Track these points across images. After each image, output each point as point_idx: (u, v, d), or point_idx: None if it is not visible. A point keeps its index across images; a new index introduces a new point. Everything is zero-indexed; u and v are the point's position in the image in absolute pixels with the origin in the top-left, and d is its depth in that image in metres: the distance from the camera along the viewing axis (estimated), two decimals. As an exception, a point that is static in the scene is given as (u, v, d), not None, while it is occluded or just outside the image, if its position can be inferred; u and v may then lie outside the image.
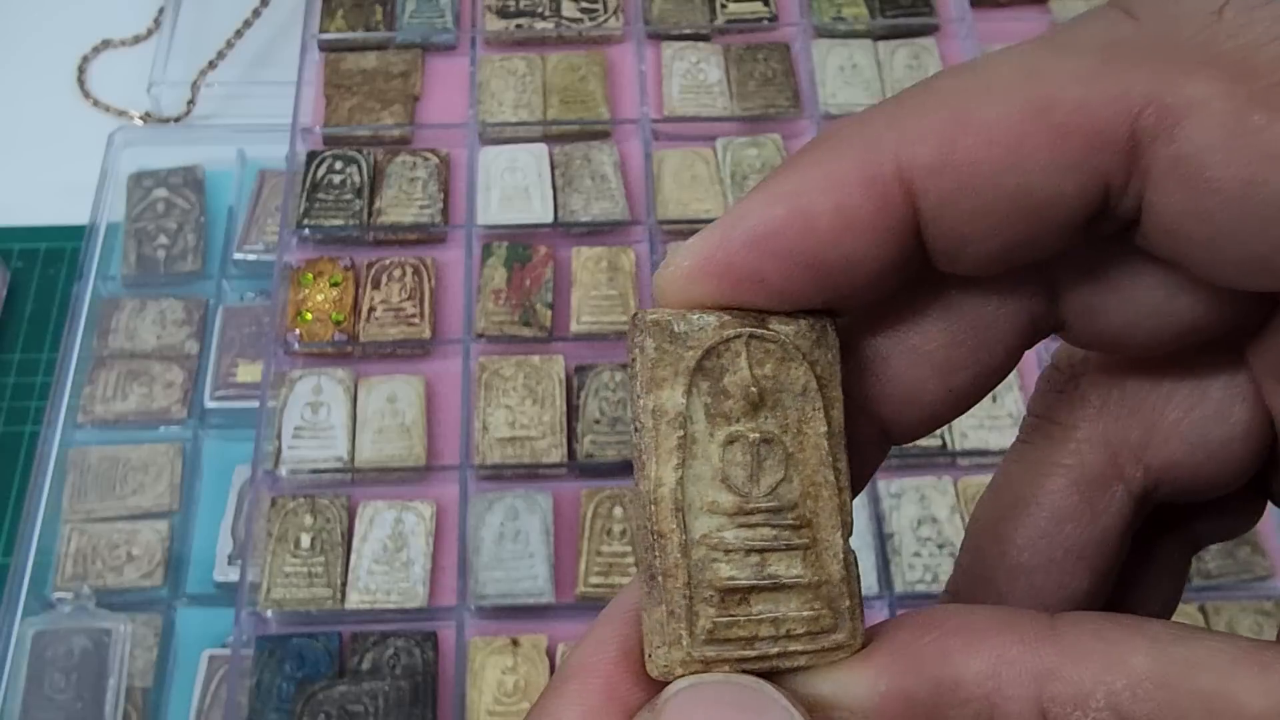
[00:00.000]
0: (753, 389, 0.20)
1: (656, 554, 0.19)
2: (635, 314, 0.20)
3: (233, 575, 0.62)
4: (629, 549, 0.61)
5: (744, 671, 0.19)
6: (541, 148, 0.74)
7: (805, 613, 0.20)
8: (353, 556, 0.61)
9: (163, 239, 0.73)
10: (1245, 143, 0.17)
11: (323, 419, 0.65)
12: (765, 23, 0.80)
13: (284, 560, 0.61)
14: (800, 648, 0.20)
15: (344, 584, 0.61)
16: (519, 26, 0.80)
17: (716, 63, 0.78)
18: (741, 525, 0.20)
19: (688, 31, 0.80)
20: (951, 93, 0.19)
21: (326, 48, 0.79)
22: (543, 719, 0.20)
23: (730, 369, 0.20)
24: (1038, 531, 0.23)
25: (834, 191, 0.19)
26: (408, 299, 0.69)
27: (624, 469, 0.63)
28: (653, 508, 0.20)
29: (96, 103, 0.82)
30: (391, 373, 0.67)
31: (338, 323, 0.68)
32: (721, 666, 0.19)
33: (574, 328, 0.68)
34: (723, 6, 0.81)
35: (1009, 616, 0.19)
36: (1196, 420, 0.23)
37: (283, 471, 0.63)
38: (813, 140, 0.20)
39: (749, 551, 0.20)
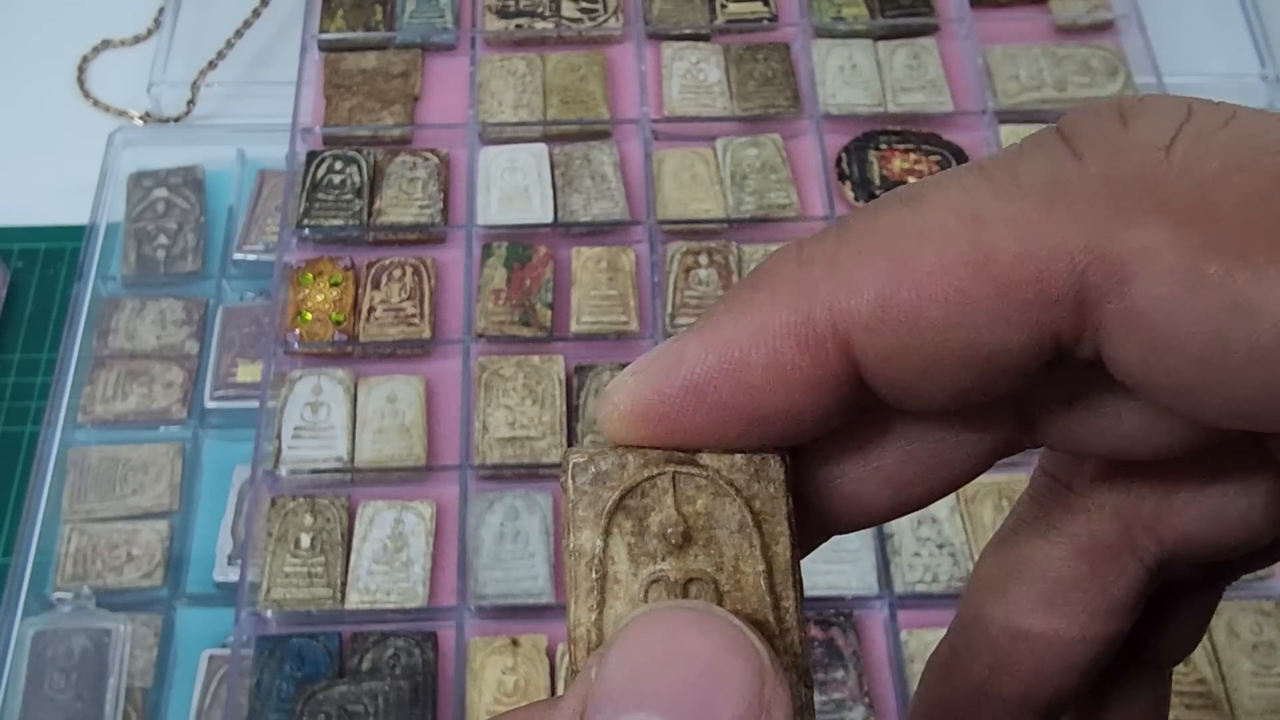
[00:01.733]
0: (674, 528, 0.19)
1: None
2: (564, 453, 0.20)
3: (233, 575, 0.62)
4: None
5: None
6: (541, 148, 0.74)
7: None
8: (353, 556, 0.61)
9: (163, 239, 0.73)
10: (1203, 296, 0.16)
11: (323, 419, 0.65)
12: (765, 23, 0.80)
13: (284, 560, 0.61)
14: None
15: (344, 584, 0.61)
16: (519, 26, 0.80)
17: (716, 63, 0.78)
18: None
19: (688, 31, 0.80)
20: (890, 235, 0.18)
21: (326, 48, 0.79)
22: None
23: (655, 507, 0.20)
24: (1041, 599, 0.23)
25: (767, 343, 0.19)
26: (408, 299, 0.69)
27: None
28: (571, 648, 0.19)
29: (96, 103, 0.81)
30: (391, 373, 0.67)
31: (338, 323, 0.68)
32: None
33: (574, 328, 0.68)
34: (723, 6, 0.81)
35: None
36: (1213, 494, 0.22)
37: (283, 471, 0.63)
38: (752, 274, 0.19)
39: None
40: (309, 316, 0.68)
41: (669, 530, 0.19)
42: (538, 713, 0.18)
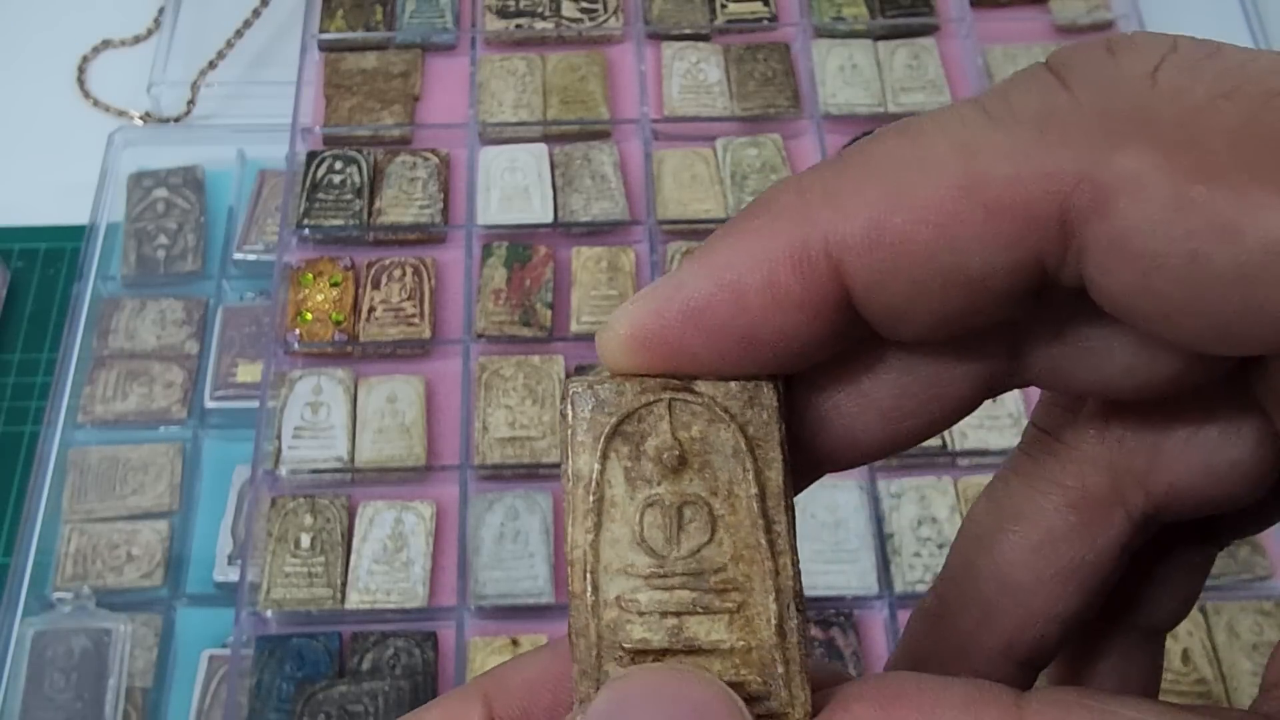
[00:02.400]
0: (670, 453, 0.20)
1: (571, 614, 0.20)
2: (565, 382, 0.20)
3: (233, 575, 0.62)
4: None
5: None
6: (541, 148, 0.74)
7: (727, 678, 0.19)
8: (353, 556, 0.61)
9: (163, 239, 0.73)
10: (1186, 216, 0.17)
11: (323, 419, 0.65)
12: (765, 23, 0.80)
13: (284, 560, 0.61)
14: None
15: (344, 584, 0.61)
16: (519, 26, 0.80)
17: (716, 63, 0.78)
18: (657, 587, 0.20)
19: (688, 31, 0.80)
20: (885, 163, 0.19)
21: (326, 48, 0.79)
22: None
23: (652, 433, 0.20)
24: (1030, 549, 0.23)
25: (763, 268, 0.19)
26: (408, 299, 0.69)
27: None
28: (569, 570, 0.20)
29: (96, 103, 0.81)
30: (391, 373, 0.67)
31: (338, 323, 0.68)
32: None
33: (574, 328, 0.68)
34: (723, 6, 0.81)
35: (976, 696, 0.18)
36: (1202, 443, 0.22)
37: (283, 471, 0.63)
38: (750, 206, 0.20)
39: (664, 614, 0.20)
40: (309, 316, 0.68)
41: (665, 454, 0.20)
42: None
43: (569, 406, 0.20)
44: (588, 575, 0.20)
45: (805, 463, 0.22)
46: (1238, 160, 0.17)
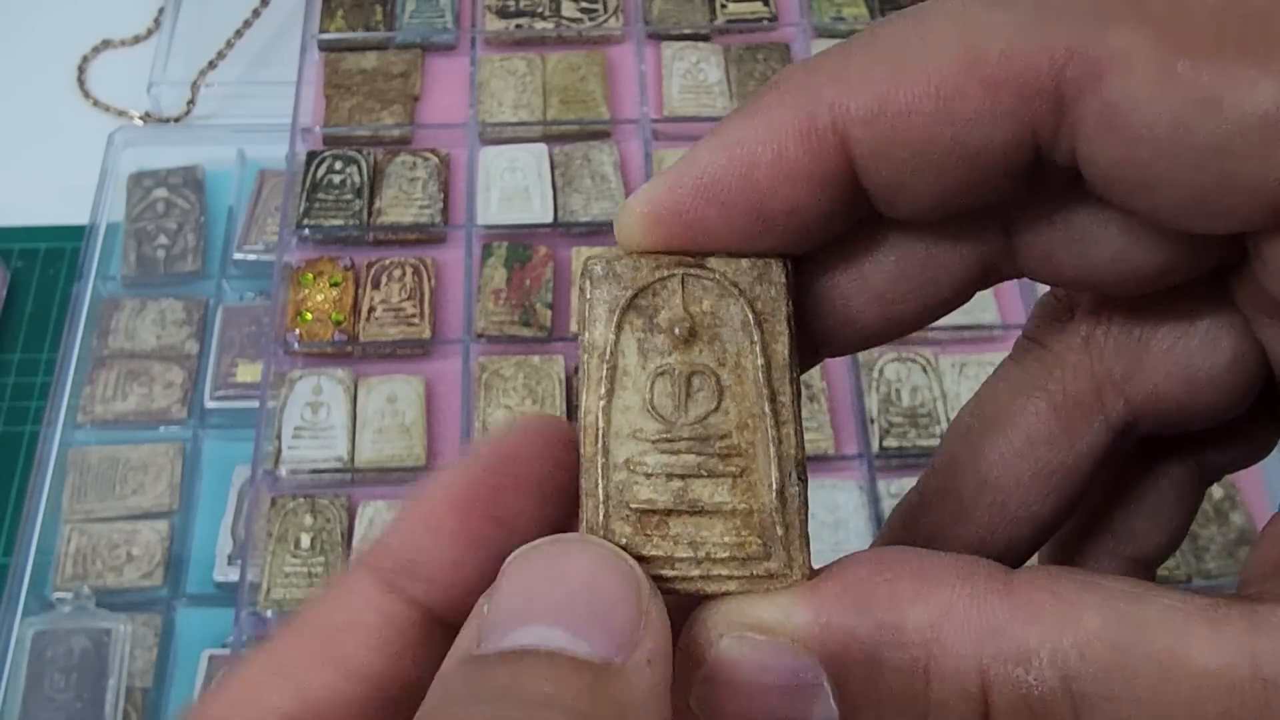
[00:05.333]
0: (681, 325, 0.21)
1: (582, 477, 0.21)
2: (584, 259, 0.21)
3: (233, 575, 0.62)
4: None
5: (669, 592, 0.20)
6: (541, 148, 0.74)
7: (728, 539, 0.20)
8: (353, 557, 0.61)
9: (163, 239, 0.73)
10: (1171, 90, 0.18)
11: (323, 419, 0.65)
12: (765, 23, 0.80)
13: (284, 560, 0.61)
14: (726, 572, 0.20)
15: (344, 584, 0.61)
16: (519, 26, 0.80)
17: (716, 63, 0.78)
18: (664, 451, 0.21)
19: (688, 31, 0.80)
20: (891, 43, 0.20)
21: (326, 48, 0.79)
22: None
23: (665, 306, 0.21)
24: (1011, 450, 0.24)
25: (773, 141, 0.20)
26: (407, 299, 0.69)
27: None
28: (580, 434, 0.21)
29: (96, 103, 0.82)
30: (391, 373, 0.67)
31: (338, 323, 0.68)
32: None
33: (574, 328, 0.68)
34: (723, 6, 0.81)
35: (966, 568, 0.19)
36: (1182, 352, 0.23)
37: (283, 471, 0.63)
38: (763, 88, 0.21)
39: (670, 476, 0.20)
40: (309, 316, 0.68)
41: (676, 326, 0.21)
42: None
43: (587, 280, 0.21)
44: (599, 439, 0.21)
45: (805, 346, 0.22)
46: (1221, 36, 0.18)
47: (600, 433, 0.21)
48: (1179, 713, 0.17)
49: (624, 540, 0.20)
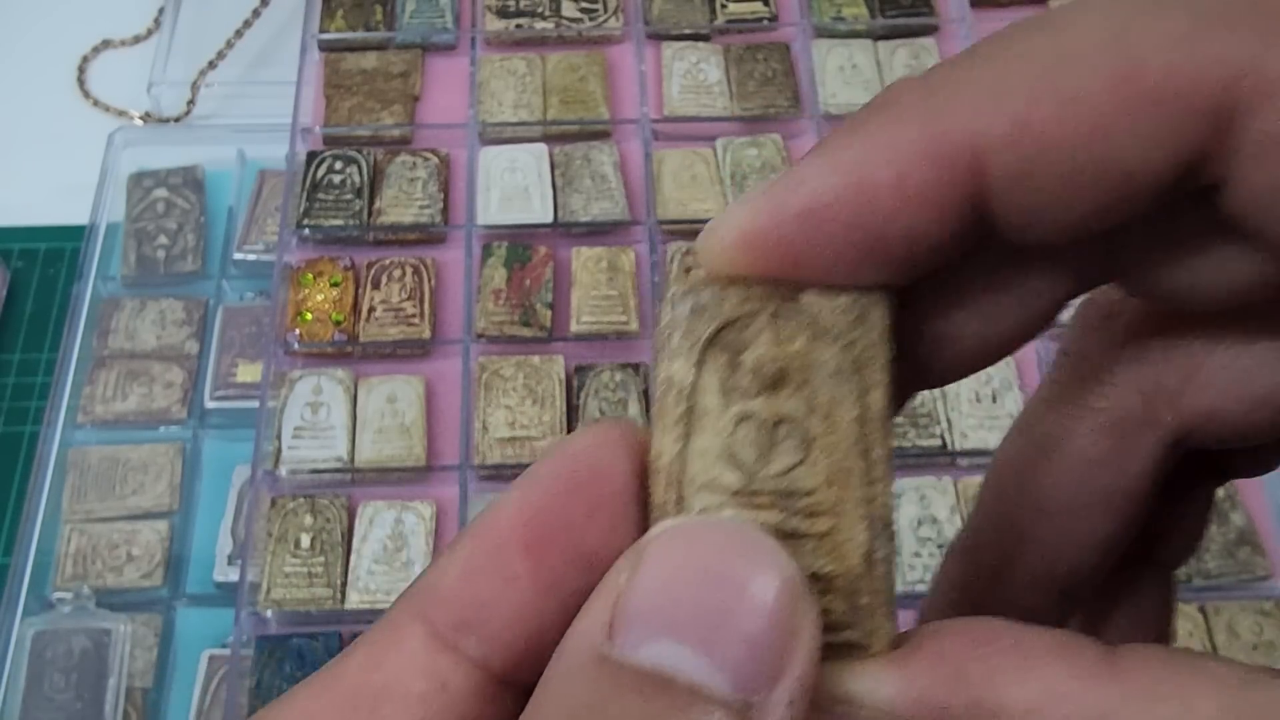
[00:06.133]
0: (768, 367, 0.19)
1: (652, 525, 0.19)
2: (669, 285, 0.19)
3: (233, 575, 0.62)
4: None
5: None
6: (541, 148, 0.74)
7: None
8: (353, 557, 0.61)
9: (163, 239, 0.73)
10: None
11: (322, 419, 0.65)
12: (765, 23, 0.80)
13: (284, 560, 0.61)
14: None
15: (344, 584, 0.61)
16: (519, 26, 0.80)
17: (716, 63, 0.78)
18: (743, 505, 0.19)
19: (688, 31, 0.80)
20: (1028, 58, 0.18)
21: (326, 48, 0.79)
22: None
23: (752, 344, 0.19)
24: (1065, 476, 0.23)
25: (897, 162, 0.18)
26: (408, 299, 0.69)
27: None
28: (652, 478, 0.19)
29: (96, 103, 0.82)
30: (391, 373, 0.67)
31: (338, 323, 0.68)
32: None
33: (574, 328, 0.68)
34: (723, 6, 0.81)
35: (1067, 643, 0.17)
36: (1240, 369, 0.21)
37: (283, 471, 0.63)
38: (871, 105, 0.19)
39: None
40: (309, 316, 0.68)
41: (764, 368, 0.19)
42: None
43: (669, 307, 0.19)
44: (675, 486, 0.19)
45: (897, 384, 0.21)
46: None
47: (673, 479, 0.19)
48: None
49: None
